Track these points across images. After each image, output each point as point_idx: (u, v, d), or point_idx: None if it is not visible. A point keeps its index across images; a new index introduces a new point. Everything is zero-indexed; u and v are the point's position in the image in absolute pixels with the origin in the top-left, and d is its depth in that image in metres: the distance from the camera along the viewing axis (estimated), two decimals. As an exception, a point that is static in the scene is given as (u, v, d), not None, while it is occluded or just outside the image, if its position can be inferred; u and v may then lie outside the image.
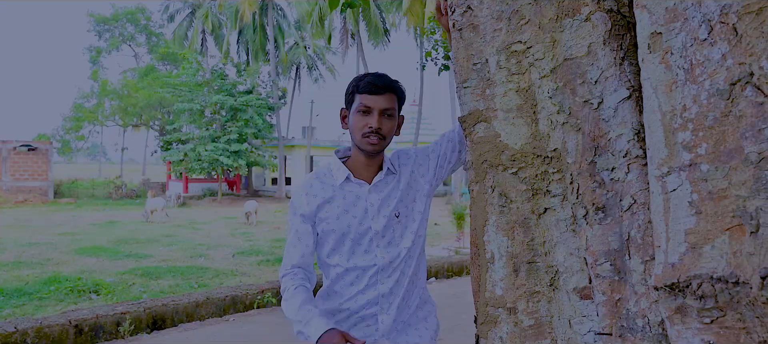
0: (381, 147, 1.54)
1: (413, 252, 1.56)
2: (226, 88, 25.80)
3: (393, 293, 1.55)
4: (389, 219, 1.54)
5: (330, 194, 1.57)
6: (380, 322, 1.55)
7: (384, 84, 1.54)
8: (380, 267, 1.54)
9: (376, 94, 1.52)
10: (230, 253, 12.18)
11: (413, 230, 1.55)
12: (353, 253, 1.55)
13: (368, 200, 1.55)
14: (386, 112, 1.53)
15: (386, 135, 1.54)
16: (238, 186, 31.26)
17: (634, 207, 1.06)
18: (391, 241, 1.54)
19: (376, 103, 1.52)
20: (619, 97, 1.14)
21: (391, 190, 1.56)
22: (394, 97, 1.56)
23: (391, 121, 1.54)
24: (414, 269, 1.58)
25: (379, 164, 1.59)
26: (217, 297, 6.89)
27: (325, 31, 27.26)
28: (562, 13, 1.23)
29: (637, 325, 1.03)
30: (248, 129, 25.87)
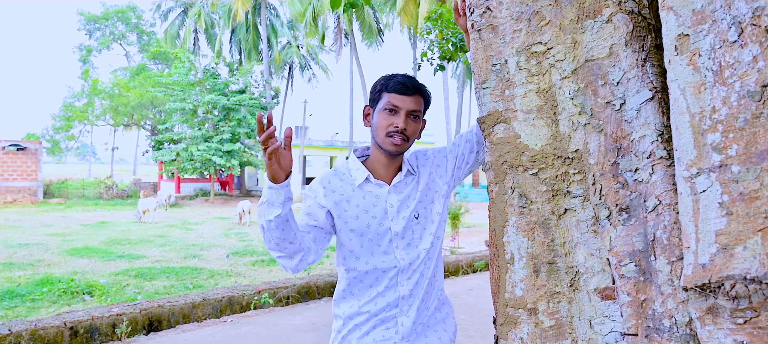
0: (404, 148, 1.53)
1: (432, 254, 1.55)
2: (219, 88, 25.67)
3: (413, 295, 1.54)
4: (409, 221, 1.53)
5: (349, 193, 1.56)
6: (400, 324, 1.54)
7: (413, 85, 1.53)
8: (400, 268, 1.52)
9: (404, 94, 1.51)
10: (224, 254, 12.12)
11: (432, 231, 1.55)
12: (372, 255, 1.54)
13: (388, 201, 1.54)
14: (413, 113, 1.52)
15: (410, 136, 1.53)
16: (231, 187, 31.11)
17: (660, 208, 1.07)
18: (410, 243, 1.53)
19: (404, 103, 1.51)
20: (641, 99, 1.14)
21: (410, 191, 1.55)
22: (421, 100, 1.54)
23: (416, 124, 1.54)
24: (432, 270, 1.57)
25: (398, 165, 1.58)
26: (214, 298, 6.85)
27: (318, 30, 27.20)
28: (583, 14, 1.24)
29: (664, 326, 1.03)
30: (241, 128, 25.75)
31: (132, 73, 33.62)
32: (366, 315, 1.55)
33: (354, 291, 1.58)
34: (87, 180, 30.66)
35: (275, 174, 1.36)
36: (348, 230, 1.55)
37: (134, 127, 35.76)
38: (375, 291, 1.54)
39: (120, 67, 38.30)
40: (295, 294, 7.55)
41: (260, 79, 29.01)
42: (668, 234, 1.05)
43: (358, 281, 1.57)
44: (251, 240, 14.08)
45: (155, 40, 38.44)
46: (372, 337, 1.55)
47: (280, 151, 1.36)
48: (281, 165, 1.37)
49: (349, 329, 1.58)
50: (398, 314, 1.54)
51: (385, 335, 1.54)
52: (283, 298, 7.39)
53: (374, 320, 1.55)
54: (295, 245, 1.45)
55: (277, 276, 9.58)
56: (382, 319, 1.54)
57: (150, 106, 31.65)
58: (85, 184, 28.60)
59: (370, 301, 1.55)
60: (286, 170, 1.38)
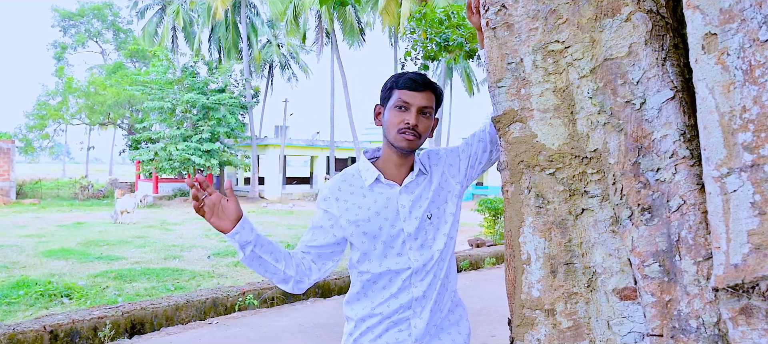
0: (415, 145, 1.50)
1: (445, 255, 1.52)
2: (198, 87, 25.28)
3: (426, 296, 1.51)
4: (421, 221, 1.50)
5: (359, 197, 1.53)
6: (413, 326, 1.51)
7: (424, 81, 1.51)
8: (414, 270, 1.49)
9: (415, 90, 1.49)
10: (206, 254, 11.93)
11: (445, 232, 1.52)
12: (385, 257, 1.51)
13: (399, 201, 1.51)
14: (424, 109, 1.49)
15: (422, 133, 1.50)
16: (210, 187, 30.64)
17: (684, 207, 1.06)
18: (423, 244, 1.50)
19: (414, 99, 1.48)
20: (662, 98, 1.14)
21: (422, 191, 1.52)
22: (432, 97, 1.52)
23: (427, 121, 1.51)
24: (446, 271, 1.54)
25: (410, 165, 1.56)
26: (198, 300, 6.73)
27: (299, 29, 26.99)
28: (601, 13, 1.23)
29: (691, 326, 1.03)
30: (221, 128, 25.41)
31: (108, 71, 32.86)
32: (378, 317, 1.53)
33: (367, 293, 1.55)
34: (61, 180, 29.89)
35: (217, 227, 1.39)
36: (361, 233, 1.52)
37: (110, 126, 34.98)
38: (388, 293, 1.52)
39: (96, 65, 37.42)
40: (280, 296, 7.46)
41: (240, 78, 28.67)
42: (694, 234, 1.04)
43: (372, 283, 1.54)
44: (233, 241, 13.91)
45: (132, 38, 37.66)
46: (384, 340, 1.52)
47: (217, 206, 1.38)
48: (225, 216, 1.39)
49: (360, 331, 1.55)
50: (411, 316, 1.51)
51: (397, 337, 1.51)
52: (268, 299, 7.30)
53: (387, 322, 1.52)
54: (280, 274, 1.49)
55: (261, 277, 9.47)
56: (394, 321, 1.52)
57: (127, 104, 30.99)
58: (60, 184, 27.87)
59: (383, 303, 1.52)
60: (232, 219, 1.39)
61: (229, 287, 7.58)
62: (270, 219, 19.39)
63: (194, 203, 1.37)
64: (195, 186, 1.37)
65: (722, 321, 0.99)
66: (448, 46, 8.87)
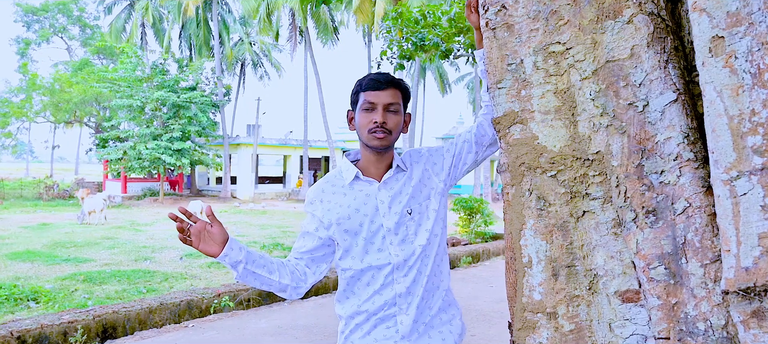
0: (387, 141, 1.51)
1: (429, 251, 1.52)
2: (169, 84, 24.71)
3: (411, 293, 1.50)
4: (401, 216, 1.50)
5: (340, 195, 1.57)
6: (399, 323, 1.50)
7: (386, 79, 1.54)
8: (395, 265, 1.50)
9: (378, 89, 1.52)
10: (177, 256, 11.67)
11: (428, 228, 1.51)
12: (367, 253, 1.52)
13: (378, 197, 1.52)
14: (390, 106, 1.51)
15: (392, 129, 1.51)
16: (181, 186, 30.04)
17: (690, 210, 1.06)
18: (405, 239, 1.50)
19: (379, 98, 1.50)
20: (665, 100, 1.14)
21: (402, 187, 1.53)
22: (397, 93, 1.53)
23: (396, 117, 1.52)
24: (432, 269, 1.53)
25: (388, 162, 1.57)
26: (172, 303, 6.56)
27: (272, 27, 26.65)
28: (603, 14, 1.22)
29: (699, 329, 1.03)
30: (192, 126, 24.90)
31: (74, 68, 31.78)
32: (365, 314, 1.53)
33: (354, 290, 1.56)
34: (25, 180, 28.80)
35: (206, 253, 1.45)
36: (342, 231, 1.54)
37: (76, 125, 33.86)
38: (372, 290, 1.53)
39: (61, 62, 36.15)
40: (257, 297, 7.34)
41: (211, 76, 28.15)
42: (700, 237, 1.05)
43: (356, 280, 1.55)
44: (206, 242, 13.63)
45: (99, 34, 36.51)
46: (373, 337, 1.52)
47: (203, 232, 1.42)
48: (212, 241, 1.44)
49: (350, 329, 1.56)
50: (397, 312, 1.51)
51: (385, 334, 1.51)
52: (244, 301, 7.17)
53: (374, 319, 1.52)
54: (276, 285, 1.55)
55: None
56: (381, 318, 1.52)
57: (94, 102, 30.06)
58: (23, 184, 26.85)
59: (368, 300, 1.53)
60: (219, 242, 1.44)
61: (203, 289, 7.41)
62: (243, 219, 19.09)
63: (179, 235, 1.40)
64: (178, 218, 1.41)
65: (731, 324, 1.00)
66: (424, 46, 8.88)
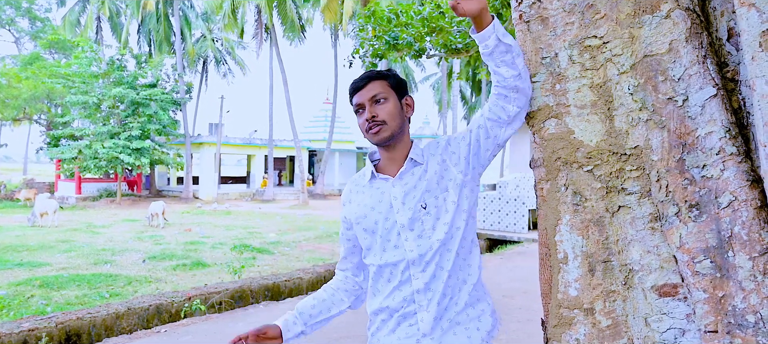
0: (385, 132, 1.47)
1: (450, 246, 1.46)
2: (127, 81, 23.80)
3: (430, 289, 1.46)
4: (415, 211, 1.46)
5: (360, 194, 1.57)
6: (420, 320, 1.46)
7: (364, 76, 1.53)
8: (410, 261, 1.46)
9: (359, 89, 1.52)
10: (140, 258, 11.25)
11: (446, 221, 1.45)
12: (384, 250, 1.50)
13: (392, 193, 1.49)
14: (375, 98, 1.48)
15: (385, 119, 1.48)
16: (139, 187, 29.00)
17: (735, 204, 1.07)
18: (421, 234, 1.46)
19: (362, 97, 1.51)
20: (705, 95, 1.15)
21: (416, 181, 1.49)
22: (380, 83, 1.51)
23: (386, 105, 1.48)
24: (455, 263, 1.47)
25: (403, 157, 1.53)
26: (140, 307, 6.31)
27: (237, 23, 26.07)
28: (640, 9, 1.22)
29: (748, 321, 1.04)
30: (152, 125, 24.07)
31: (24, 63, 30.13)
32: (388, 311, 1.51)
33: (377, 287, 1.55)
34: (-33, 181, 27.09)
35: None
36: (362, 230, 1.54)
37: (25, 122, 32.15)
38: (392, 286, 1.50)
39: (9, 55, 34.23)
40: (229, 300, 7.15)
41: (172, 72, 27.29)
42: (747, 230, 1.06)
43: (378, 276, 1.53)
44: (168, 244, 13.18)
45: (51, 27, 34.78)
46: (397, 335, 1.50)
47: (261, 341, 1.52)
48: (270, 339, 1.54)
49: (376, 326, 1.55)
50: (417, 309, 1.47)
51: (408, 332, 1.48)
52: (216, 304, 6.97)
53: (396, 316, 1.49)
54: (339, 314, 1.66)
55: (204, 280, 9.03)
56: (403, 315, 1.49)
57: (45, 98, 28.63)
58: (-34, 185, 25.27)
59: (388, 296, 1.50)
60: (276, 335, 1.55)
61: (172, 292, 7.16)
62: (207, 220, 18.60)
63: None
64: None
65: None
66: (397, 45, 8.87)
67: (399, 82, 1.54)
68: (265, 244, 12.86)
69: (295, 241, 13.69)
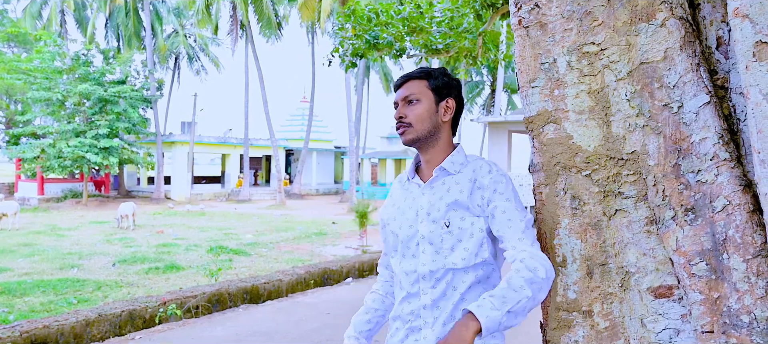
0: (410, 135, 1.44)
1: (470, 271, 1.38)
2: (94, 77, 23.09)
3: (437, 307, 1.40)
4: (438, 227, 1.40)
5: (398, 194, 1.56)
6: (423, 337, 1.42)
7: (405, 75, 1.50)
8: (421, 274, 1.42)
9: (398, 87, 1.50)
10: (109, 262, 10.96)
11: (468, 247, 1.37)
12: (404, 257, 1.47)
13: (420, 202, 1.46)
14: (407, 98, 1.45)
15: (412, 122, 1.43)
16: (107, 187, 28.21)
17: (730, 208, 1.11)
18: (439, 250, 1.40)
19: (397, 96, 1.49)
20: (699, 102, 1.18)
21: (443, 193, 1.42)
22: (416, 83, 1.46)
23: (416, 107, 1.44)
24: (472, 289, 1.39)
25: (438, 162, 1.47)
26: (111, 313, 6.13)
27: (211, 19, 25.61)
28: (636, 17, 1.25)
29: (743, 321, 1.08)
30: (120, 123, 23.44)
31: (-21, 57, 28.95)
32: (400, 320, 1.49)
33: (396, 292, 1.54)
34: None
35: None
36: (390, 231, 1.53)
37: (-17, 119, 30.89)
38: (402, 295, 1.48)
39: (-36, 49, 32.81)
40: (206, 304, 7.01)
41: (142, 69, 26.62)
42: (741, 233, 1.09)
43: (398, 282, 1.52)
44: (139, 246, 12.87)
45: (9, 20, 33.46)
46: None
47: None
48: None
49: (391, 333, 1.52)
50: (422, 325, 1.43)
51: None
52: (193, 308, 6.83)
53: (406, 327, 1.46)
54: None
55: (179, 283, 8.85)
56: (411, 328, 1.45)
57: (4, 95, 27.55)
58: None
59: (400, 304, 1.49)
60: None
61: (145, 297, 6.98)
62: (180, 221, 18.23)
63: None
64: None
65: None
66: (378, 44, 8.86)
67: (442, 85, 1.46)
68: (242, 246, 12.69)
69: (272, 242, 13.55)
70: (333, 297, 6.62)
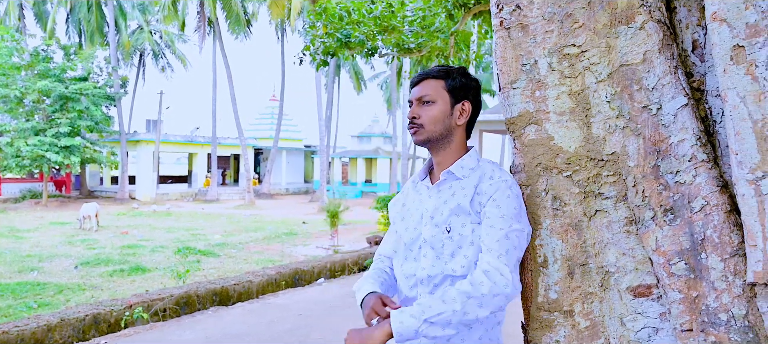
0: (421, 136, 1.40)
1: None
2: (54, 74, 22.25)
3: None
4: (439, 232, 1.37)
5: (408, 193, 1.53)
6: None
7: (422, 73, 1.43)
8: (419, 279, 1.39)
9: (413, 86, 1.44)
10: (71, 264, 10.58)
11: (469, 255, 1.34)
12: (406, 259, 1.45)
13: (426, 204, 1.44)
14: (422, 98, 1.40)
15: (424, 123, 1.39)
16: (68, 187, 27.25)
17: (707, 208, 1.13)
18: (439, 256, 1.37)
19: (413, 94, 1.43)
20: (678, 104, 1.20)
21: (448, 197, 1.39)
22: (432, 83, 1.40)
23: (430, 108, 1.39)
24: None
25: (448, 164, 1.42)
26: (75, 318, 5.91)
27: (178, 16, 25.00)
28: (616, 20, 1.27)
29: (721, 320, 1.10)
30: (83, 121, 22.66)
31: (-69, 51, 27.49)
32: None
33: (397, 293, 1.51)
34: None
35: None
36: (394, 231, 1.51)
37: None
38: (400, 298, 1.47)
39: None
40: (174, 306, 6.84)
41: (105, 66, 25.79)
42: (719, 233, 1.12)
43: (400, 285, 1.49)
44: (103, 248, 12.46)
45: (-38, 13, 31.92)
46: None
47: None
48: None
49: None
50: None
51: None
52: (160, 311, 6.65)
53: None
54: None
55: (145, 286, 8.61)
56: None
57: (-42, 91, 26.25)
58: None
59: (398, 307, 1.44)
60: None
61: (110, 300, 6.76)
62: (145, 221, 17.75)
63: None
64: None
65: (751, 314, 1.07)
66: (349, 43, 8.82)
67: (459, 86, 1.41)
68: (210, 247, 12.44)
69: (242, 243, 13.32)
70: (305, 297, 6.55)
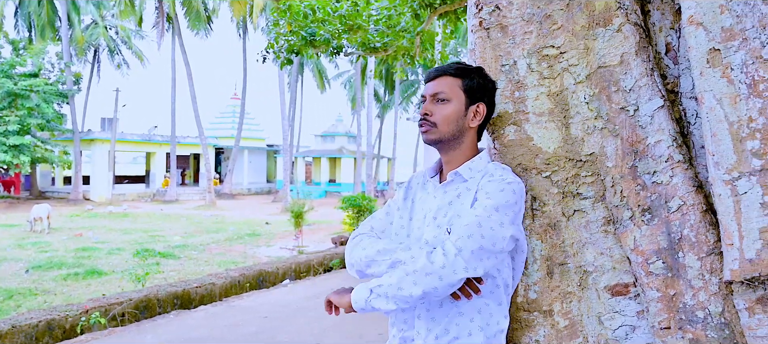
0: (432, 135, 1.34)
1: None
2: (2, 69, 21.14)
3: (433, 319, 1.31)
4: (441, 233, 1.32)
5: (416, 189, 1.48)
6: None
7: (439, 68, 1.38)
8: None
9: (428, 80, 1.38)
10: (22, 268, 10.07)
11: None
12: None
13: (430, 204, 1.40)
14: (437, 96, 1.34)
15: (437, 122, 1.33)
16: (18, 187, 25.95)
17: (684, 208, 1.16)
18: None
19: (427, 89, 1.37)
20: (654, 106, 1.22)
21: (452, 199, 1.35)
22: (449, 80, 1.34)
23: (444, 107, 1.33)
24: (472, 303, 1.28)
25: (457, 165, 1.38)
26: (27, 324, 5.63)
27: (135, 11, 24.15)
28: (594, 22, 1.28)
29: (697, 317, 1.12)
30: (32, 119, 21.62)
31: None
32: (396, 328, 1.40)
33: None
34: None
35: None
36: (399, 227, 1.44)
37: None
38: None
39: None
40: (133, 310, 6.59)
41: (57, 62, 24.66)
42: (695, 232, 1.14)
43: None
44: (56, 250, 11.91)
45: None
46: None
47: None
48: None
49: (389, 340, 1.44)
50: (415, 336, 1.36)
51: None
52: (118, 316, 6.39)
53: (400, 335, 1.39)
54: None
55: (102, 290, 8.27)
56: (403, 338, 1.38)
57: None
58: None
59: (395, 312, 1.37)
60: None
61: (65, 305, 6.46)
62: (101, 223, 17.08)
63: None
64: None
65: (727, 311, 1.10)
66: (314, 42, 8.72)
67: (476, 87, 1.34)
68: (170, 248, 12.07)
69: (203, 244, 12.99)
70: (270, 299, 6.44)
